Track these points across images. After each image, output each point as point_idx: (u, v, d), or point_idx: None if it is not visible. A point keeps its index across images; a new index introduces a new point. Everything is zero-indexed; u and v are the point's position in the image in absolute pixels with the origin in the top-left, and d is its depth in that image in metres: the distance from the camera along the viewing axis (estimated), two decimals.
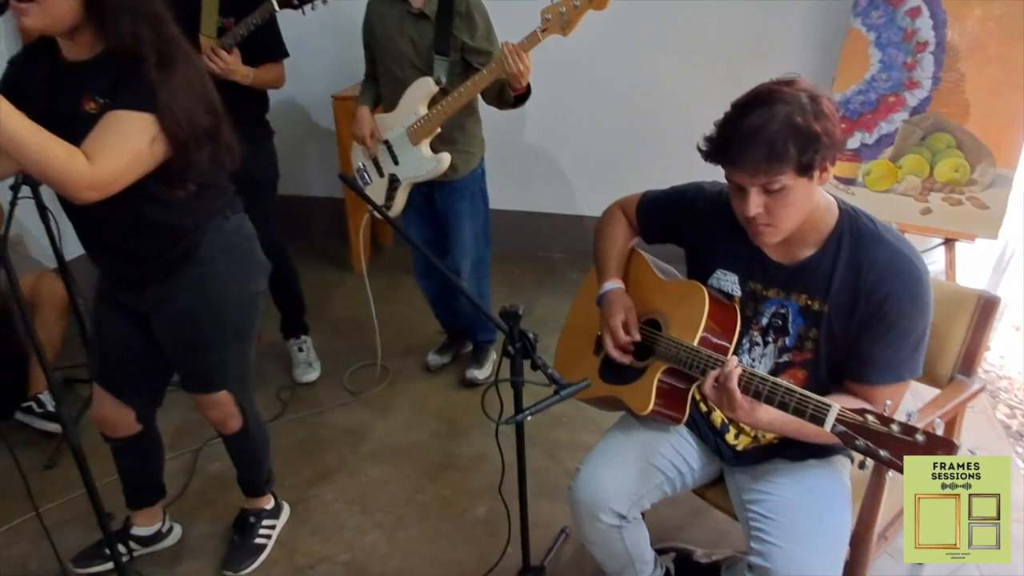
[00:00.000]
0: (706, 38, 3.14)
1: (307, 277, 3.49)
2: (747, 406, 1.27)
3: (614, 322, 1.55)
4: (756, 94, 1.26)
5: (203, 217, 1.61)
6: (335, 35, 3.45)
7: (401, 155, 2.44)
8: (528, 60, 2.13)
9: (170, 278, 1.62)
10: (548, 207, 3.72)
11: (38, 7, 1.31)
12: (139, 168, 1.39)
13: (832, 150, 1.24)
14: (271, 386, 2.80)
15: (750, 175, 1.24)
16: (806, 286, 1.38)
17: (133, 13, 1.35)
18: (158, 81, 1.35)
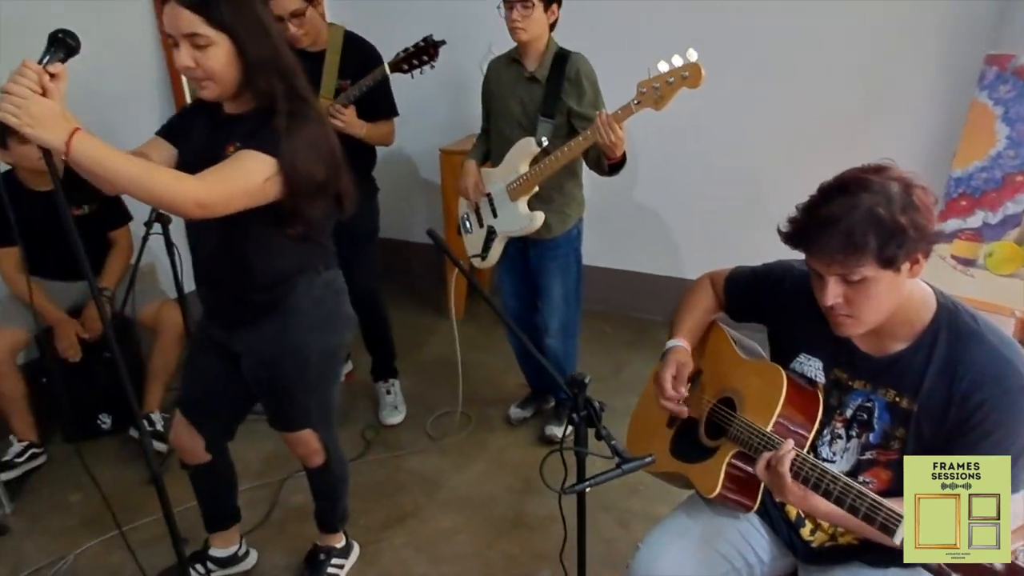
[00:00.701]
0: (821, 108, 3.05)
1: (404, 321, 3.64)
2: (799, 492, 1.21)
3: (663, 375, 1.52)
4: (841, 181, 1.21)
5: (297, 268, 1.72)
6: (446, 92, 3.63)
7: (500, 209, 2.51)
8: (621, 131, 2.15)
9: (259, 322, 1.73)
10: (647, 267, 3.68)
11: (213, 83, 1.50)
12: (247, 199, 1.51)
13: (922, 243, 1.17)
14: (357, 424, 2.90)
15: (826, 264, 1.20)
16: (895, 381, 1.30)
17: (270, 69, 1.52)
18: (284, 131, 1.50)
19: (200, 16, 1.43)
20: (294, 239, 1.64)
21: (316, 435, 1.92)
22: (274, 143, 1.49)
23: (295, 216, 1.57)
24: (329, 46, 2.53)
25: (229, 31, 1.46)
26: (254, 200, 1.52)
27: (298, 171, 1.51)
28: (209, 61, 1.46)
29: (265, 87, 1.52)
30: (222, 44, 1.46)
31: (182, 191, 1.42)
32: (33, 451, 2.62)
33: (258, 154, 1.49)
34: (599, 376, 3.15)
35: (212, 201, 1.46)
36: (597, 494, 2.46)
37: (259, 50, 1.50)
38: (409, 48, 2.42)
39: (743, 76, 3.19)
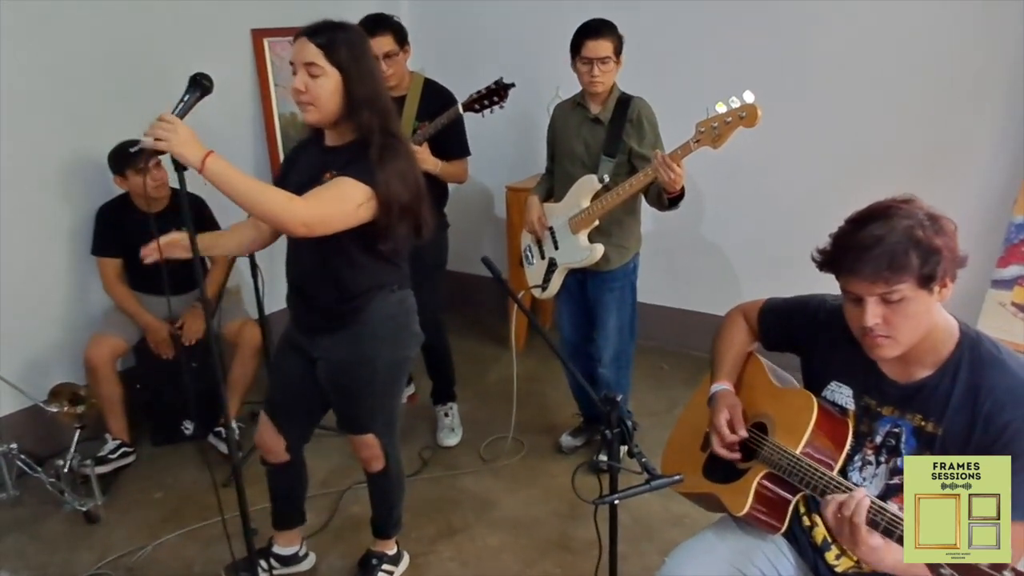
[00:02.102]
0: (883, 151, 3.07)
1: (467, 350, 3.79)
2: (872, 543, 1.19)
3: (718, 420, 1.57)
4: (873, 209, 1.29)
5: (375, 285, 1.90)
6: (514, 131, 3.82)
7: (562, 242, 2.65)
8: (679, 169, 2.26)
9: (336, 331, 1.92)
10: (707, 307, 3.71)
11: (315, 108, 1.75)
12: (342, 220, 1.72)
13: (953, 265, 1.24)
14: (416, 444, 3.03)
15: (870, 283, 1.25)
16: (921, 407, 1.34)
17: (371, 107, 1.75)
18: (377, 162, 1.73)
19: (322, 51, 1.69)
20: (382, 256, 1.85)
21: (379, 440, 2.07)
22: (369, 172, 1.71)
23: (385, 235, 1.77)
24: (410, 91, 2.75)
25: (342, 69, 1.71)
26: (349, 222, 1.73)
27: (389, 196, 1.72)
28: (318, 89, 1.71)
29: (364, 122, 1.75)
30: (332, 78, 1.71)
31: (292, 210, 1.66)
32: (124, 450, 2.87)
33: (354, 181, 1.71)
34: (653, 411, 3.21)
35: (314, 222, 1.69)
36: (641, 524, 2.53)
37: (364, 90, 1.74)
38: (481, 90, 2.62)
39: (806, 117, 3.25)
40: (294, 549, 2.32)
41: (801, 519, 1.53)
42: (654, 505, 2.59)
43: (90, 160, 2.92)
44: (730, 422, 1.57)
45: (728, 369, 1.69)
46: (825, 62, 3.15)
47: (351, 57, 1.71)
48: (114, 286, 2.88)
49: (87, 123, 2.92)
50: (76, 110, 2.90)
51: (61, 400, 2.60)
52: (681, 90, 3.01)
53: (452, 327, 3.62)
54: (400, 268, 1.96)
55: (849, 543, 1.22)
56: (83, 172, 2.94)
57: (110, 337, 2.83)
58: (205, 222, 2.91)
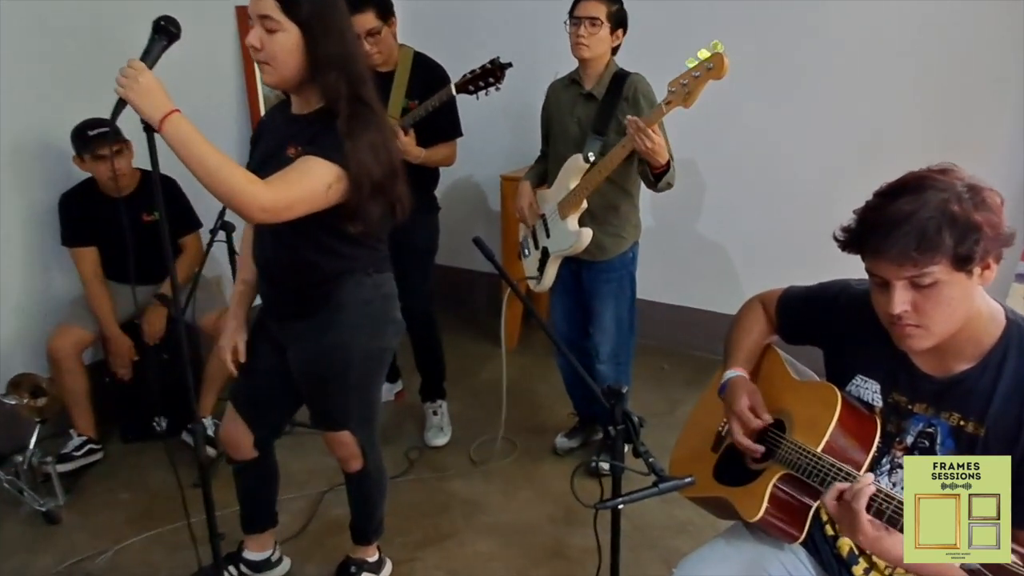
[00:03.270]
0: (899, 144, 2.93)
1: (460, 347, 3.64)
2: (873, 533, 1.09)
3: (740, 406, 1.41)
4: (904, 181, 1.14)
5: (347, 269, 1.74)
6: (510, 120, 3.67)
7: (552, 229, 2.50)
8: (656, 136, 2.09)
9: (307, 317, 1.75)
10: (709, 305, 3.57)
11: (272, 68, 1.57)
12: (309, 204, 1.56)
13: (996, 243, 1.08)
14: (403, 443, 2.87)
15: (896, 265, 1.10)
16: (959, 404, 1.18)
17: (338, 69, 1.57)
18: (346, 134, 1.55)
19: (279, 3, 1.51)
20: (353, 238, 1.68)
21: (355, 438, 1.91)
22: (337, 148, 1.54)
23: (356, 216, 1.61)
24: (399, 66, 2.60)
25: (302, 24, 1.53)
26: (316, 206, 1.57)
27: (360, 174, 1.56)
28: (274, 46, 1.53)
29: (329, 86, 1.57)
30: (291, 33, 1.53)
31: (251, 194, 1.49)
32: (91, 447, 2.70)
33: (321, 161, 1.54)
34: (653, 413, 3.06)
35: (276, 207, 1.52)
36: (643, 532, 2.37)
37: (328, 50, 1.55)
38: (476, 70, 2.47)
39: (813, 108, 3.12)
40: (266, 554, 2.16)
41: (824, 528, 1.38)
42: (655, 511, 2.43)
43: (51, 143, 2.74)
44: (752, 408, 1.41)
45: (744, 357, 1.53)
46: (834, 52, 3.02)
47: (313, 11, 1.53)
48: (93, 280, 2.70)
49: (52, 103, 2.74)
50: (42, 89, 2.72)
51: (21, 392, 2.43)
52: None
53: (445, 323, 3.46)
54: (376, 251, 1.80)
55: (850, 533, 1.12)
56: (44, 155, 2.76)
57: (76, 328, 2.66)
58: (178, 206, 2.76)
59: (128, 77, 1.36)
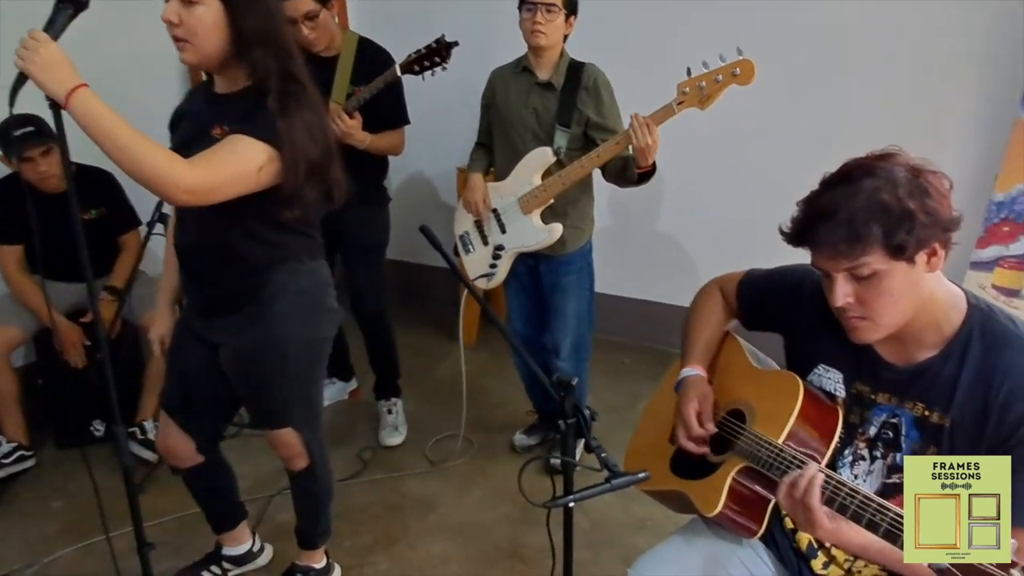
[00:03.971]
0: (857, 132, 2.91)
1: (415, 343, 3.55)
2: (829, 524, 1.05)
3: (687, 410, 1.37)
4: (844, 169, 1.11)
5: (280, 257, 1.64)
6: (466, 108, 3.57)
7: (510, 224, 2.41)
8: (657, 135, 2.05)
9: (239, 311, 1.65)
10: (670, 298, 3.53)
11: (191, 45, 1.45)
12: (238, 187, 1.46)
13: (936, 230, 1.05)
14: (356, 444, 2.78)
15: (830, 258, 1.08)
16: (923, 393, 1.14)
17: (265, 45, 1.47)
18: (278, 113, 1.45)
19: None
20: (286, 225, 1.58)
21: (298, 435, 1.81)
22: (269, 127, 1.44)
23: (291, 201, 1.51)
24: (343, 51, 2.50)
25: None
26: (246, 188, 1.47)
27: (295, 155, 1.46)
28: (193, 21, 1.42)
29: (258, 63, 1.47)
30: (211, 7, 1.42)
31: (174, 174, 1.38)
32: (21, 453, 2.55)
33: (251, 140, 1.44)
34: (614, 407, 3.01)
35: (202, 188, 1.42)
36: (600, 528, 2.31)
37: (254, 23, 1.45)
38: (421, 50, 2.37)
39: (773, 100, 3.08)
40: (246, 546, 2.07)
41: (783, 521, 1.33)
42: (614, 507, 2.38)
43: None
44: (699, 414, 1.36)
45: (701, 351, 1.48)
46: (794, 43, 2.99)
47: None
48: (16, 277, 2.55)
49: None
50: None
51: None
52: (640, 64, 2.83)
53: (400, 319, 3.37)
54: (311, 237, 1.70)
55: (806, 527, 1.08)
56: None
57: (4, 327, 2.51)
58: (116, 201, 2.62)
59: (28, 49, 1.25)
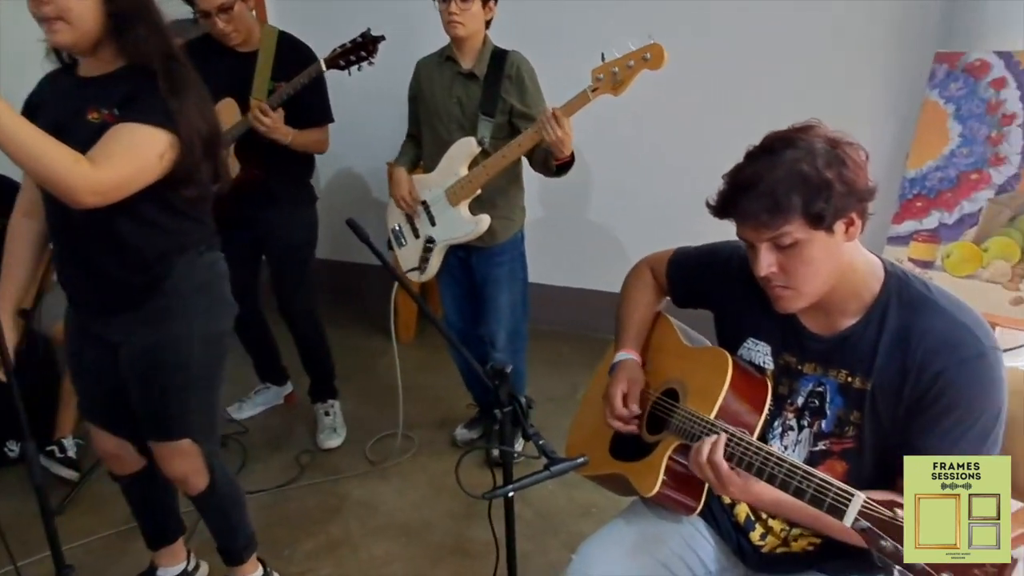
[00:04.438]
0: (775, 110, 2.98)
1: (352, 343, 3.48)
2: (740, 481, 1.09)
3: (613, 391, 1.39)
4: (766, 141, 1.13)
5: (177, 247, 1.56)
6: (394, 102, 3.51)
7: (439, 216, 2.37)
8: (568, 127, 2.04)
9: (137, 307, 1.56)
10: (604, 285, 3.55)
11: (66, 24, 1.35)
12: (144, 178, 1.40)
13: (852, 200, 1.07)
14: (293, 449, 2.70)
15: (753, 228, 1.10)
16: (846, 361, 1.17)
17: (146, 23, 1.40)
18: (170, 95, 1.39)
19: None
20: (181, 211, 1.53)
21: (198, 448, 1.69)
22: (162, 111, 1.38)
23: (190, 179, 1.46)
24: (262, 46, 2.41)
25: None
26: (151, 178, 1.40)
27: (191, 135, 1.41)
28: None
29: (139, 43, 1.40)
30: None
31: (80, 175, 1.30)
32: None
33: (147, 128, 1.37)
34: (554, 397, 3.01)
35: (109, 188, 1.35)
36: (545, 518, 2.30)
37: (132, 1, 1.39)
38: (346, 44, 2.32)
39: (692, 83, 3.14)
40: (182, 565, 1.97)
41: (720, 497, 1.34)
42: (558, 496, 2.38)
43: None
44: (626, 395, 1.38)
45: (633, 335, 1.49)
46: (712, 31, 3.05)
47: None
48: None
49: None
50: None
51: None
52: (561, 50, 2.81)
53: (336, 320, 3.32)
54: (205, 224, 1.63)
55: (721, 488, 1.13)
56: None
57: None
58: None
59: None
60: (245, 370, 2.97)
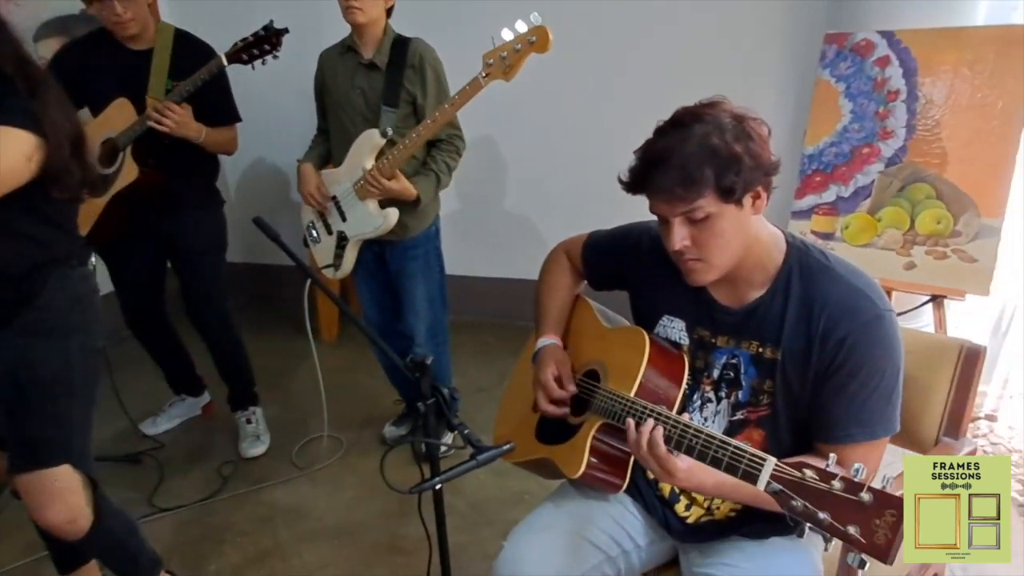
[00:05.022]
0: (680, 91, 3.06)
1: (274, 346, 3.39)
2: (684, 466, 1.08)
3: (544, 375, 1.38)
4: (675, 117, 1.15)
5: (50, 260, 1.49)
6: (303, 99, 3.42)
7: (349, 211, 2.32)
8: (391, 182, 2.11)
9: (7, 324, 1.47)
10: (525, 273, 3.57)
11: None
12: (12, 181, 1.34)
13: (758, 173, 1.11)
14: (214, 460, 2.60)
15: (667, 202, 1.12)
16: (756, 331, 1.21)
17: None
18: (32, 96, 1.35)
19: None
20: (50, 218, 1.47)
21: (79, 476, 1.52)
22: (23, 112, 1.32)
23: (59, 179, 1.41)
24: (157, 44, 2.30)
25: None
26: (19, 182, 1.34)
27: (58, 135, 1.37)
28: None
29: None
30: None
31: None
32: None
33: (11, 130, 1.31)
34: (482, 386, 3.02)
35: None
36: (478, 509, 2.31)
37: None
38: (248, 37, 2.23)
39: (608, 70, 3.19)
40: None
41: (645, 473, 1.37)
42: (489, 486, 2.39)
43: None
44: (558, 378, 1.38)
45: (554, 319, 1.50)
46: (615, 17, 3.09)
47: None
48: None
49: None
50: None
51: None
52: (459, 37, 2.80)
53: (254, 324, 3.21)
54: (75, 236, 1.57)
55: (661, 474, 1.11)
56: None
57: None
58: None
59: None
60: (157, 383, 2.85)
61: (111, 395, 2.55)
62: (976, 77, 2.17)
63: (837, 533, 0.84)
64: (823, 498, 0.86)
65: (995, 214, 2.12)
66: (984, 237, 2.13)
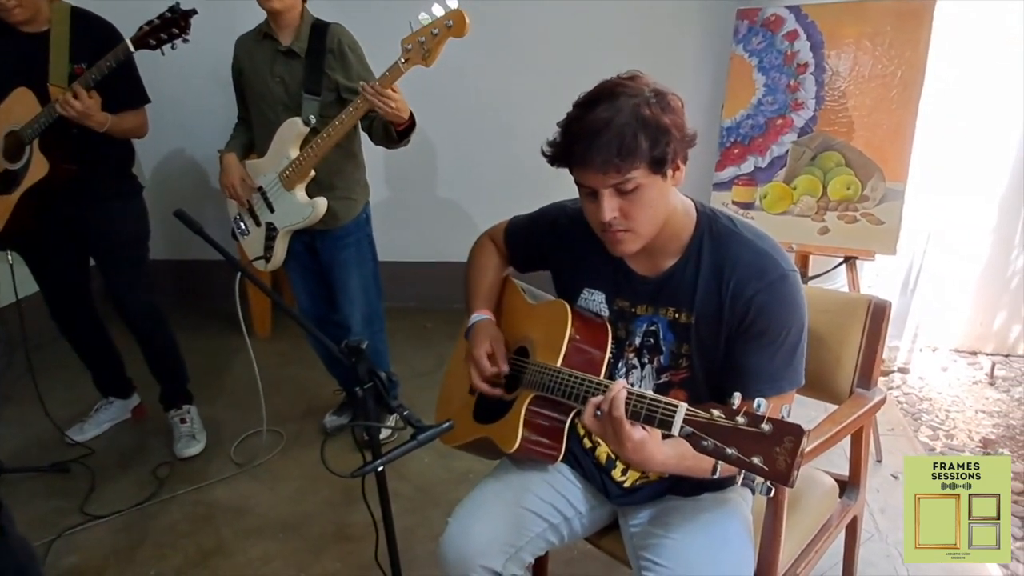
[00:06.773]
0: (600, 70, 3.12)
1: (206, 344, 3.31)
2: (638, 436, 1.06)
3: (478, 352, 1.41)
4: (599, 90, 1.16)
5: None
6: (221, 85, 3.32)
7: (276, 202, 2.28)
8: (396, 95, 2.02)
9: None
10: (458, 256, 3.55)
11: None
12: None
13: (683, 145, 1.15)
14: (149, 463, 2.53)
15: (602, 174, 1.12)
16: (672, 298, 1.26)
17: None
18: None
19: None
20: None
21: None
22: None
23: None
24: (53, 24, 2.18)
25: None
26: None
27: None
28: None
29: None
30: None
31: None
32: None
33: None
34: (422, 371, 3.02)
35: None
36: (424, 491, 2.33)
37: None
38: (154, 20, 2.12)
39: (531, 54, 3.21)
40: None
41: (581, 441, 1.42)
42: (435, 468, 2.41)
43: None
44: (491, 355, 1.41)
45: (484, 295, 1.53)
46: None
47: None
48: None
49: None
50: None
51: None
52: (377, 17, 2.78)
53: (184, 322, 3.12)
54: None
55: (615, 444, 1.09)
56: None
57: None
58: None
59: None
60: (83, 388, 2.75)
61: (35, 402, 2.47)
62: (876, 48, 2.28)
63: (744, 465, 0.89)
64: (730, 435, 0.91)
65: (899, 178, 2.25)
66: (890, 200, 2.26)
